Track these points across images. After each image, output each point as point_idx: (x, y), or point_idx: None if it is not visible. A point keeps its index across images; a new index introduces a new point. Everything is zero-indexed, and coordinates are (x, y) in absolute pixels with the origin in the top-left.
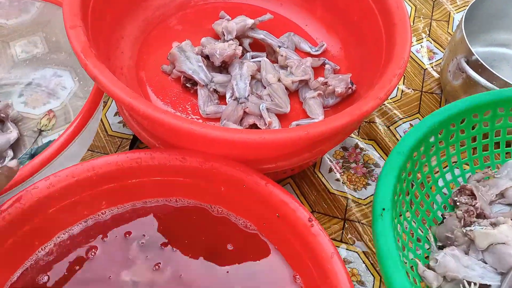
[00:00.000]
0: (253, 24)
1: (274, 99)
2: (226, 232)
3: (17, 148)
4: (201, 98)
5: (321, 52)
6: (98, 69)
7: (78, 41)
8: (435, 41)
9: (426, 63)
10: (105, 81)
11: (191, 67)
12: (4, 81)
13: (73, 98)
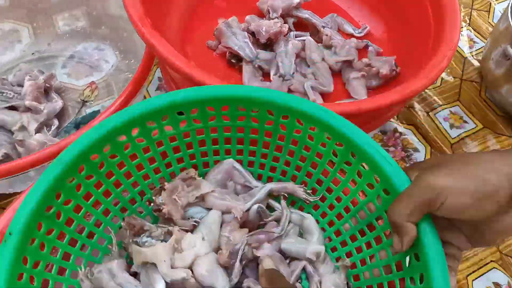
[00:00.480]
0: (298, 4)
1: (318, 78)
2: None
3: (62, 117)
4: (245, 74)
5: (364, 35)
6: (155, 39)
7: (135, 10)
8: (476, 30)
9: (466, 52)
10: (163, 50)
11: (237, 43)
12: (46, 53)
13: (115, 72)
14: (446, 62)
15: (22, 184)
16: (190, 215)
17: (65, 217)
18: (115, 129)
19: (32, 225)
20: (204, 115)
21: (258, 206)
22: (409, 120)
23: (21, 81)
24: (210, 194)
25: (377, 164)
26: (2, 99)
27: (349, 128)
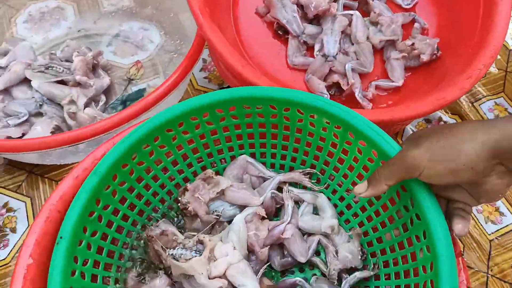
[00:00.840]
0: None
1: (360, 57)
2: None
3: (108, 94)
4: (291, 48)
5: (412, 7)
6: (213, 32)
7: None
8: None
9: (511, 44)
10: (218, 44)
11: (286, 16)
12: (92, 31)
13: (160, 51)
14: (483, 71)
15: (73, 156)
16: (213, 209)
17: (105, 220)
18: (140, 140)
19: (79, 229)
20: (215, 117)
21: (272, 192)
22: (454, 109)
23: (69, 56)
24: (229, 189)
25: (372, 139)
26: (52, 73)
27: (344, 111)
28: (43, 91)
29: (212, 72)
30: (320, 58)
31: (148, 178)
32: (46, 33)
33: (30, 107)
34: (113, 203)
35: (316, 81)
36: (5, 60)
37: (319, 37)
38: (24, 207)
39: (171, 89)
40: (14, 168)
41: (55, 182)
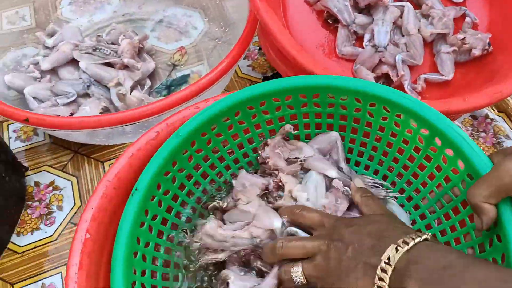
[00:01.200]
0: None
1: (410, 49)
2: None
3: (153, 78)
4: (340, 37)
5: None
6: (269, 16)
7: None
8: None
9: None
10: (274, 28)
11: (337, 5)
12: (136, 16)
13: (204, 38)
14: None
15: (120, 136)
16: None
17: (178, 182)
18: (221, 112)
19: (153, 185)
20: (297, 102)
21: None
22: (500, 107)
23: (116, 39)
24: (312, 157)
25: (462, 150)
26: (99, 55)
27: (435, 115)
28: (91, 72)
29: (256, 61)
30: (370, 49)
31: (224, 150)
32: (90, 16)
33: (78, 87)
34: (188, 168)
35: (365, 71)
36: (52, 41)
37: (369, 27)
38: (70, 186)
39: (219, 76)
40: (59, 147)
41: (100, 162)
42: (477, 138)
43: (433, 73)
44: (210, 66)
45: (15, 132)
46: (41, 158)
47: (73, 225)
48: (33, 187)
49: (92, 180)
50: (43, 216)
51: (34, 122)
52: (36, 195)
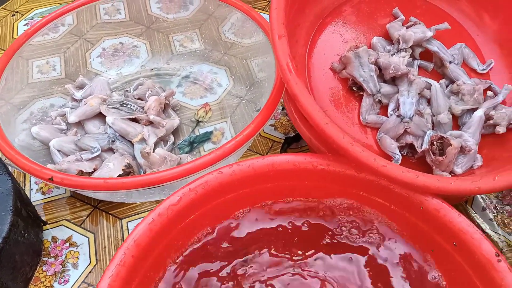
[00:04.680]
0: (430, 37)
1: (438, 129)
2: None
3: (176, 134)
4: (364, 106)
5: (488, 71)
6: (299, 88)
7: (283, 53)
8: None
9: None
10: (304, 100)
11: (363, 75)
12: (163, 71)
13: (228, 96)
14: None
15: (141, 195)
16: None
17: None
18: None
19: None
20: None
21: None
22: None
23: (143, 95)
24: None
25: None
26: (126, 110)
27: None
28: (116, 127)
29: (278, 120)
30: (394, 118)
31: None
32: (119, 69)
33: (103, 142)
34: None
35: (389, 140)
36: (81, 93)
37: (394, 97)
38: (87, 243)
39: (244, 141)
40: (79, 201)
41: (118, 219)
42: (501, 212)
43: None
44: (233, 123)
45: (36, 184)
46: (60, 211)
47: (86, 285)
48: (50, 242)
49: (109, 237)
50: (58, 274)
51: (58, 181)
52: (52, 251)
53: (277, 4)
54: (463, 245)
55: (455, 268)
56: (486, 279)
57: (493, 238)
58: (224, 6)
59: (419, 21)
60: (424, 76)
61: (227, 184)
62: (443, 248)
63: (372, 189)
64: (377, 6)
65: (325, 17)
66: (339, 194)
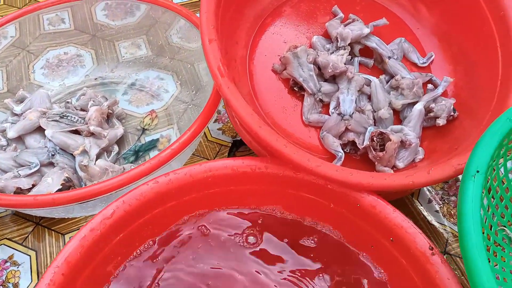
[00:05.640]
0: (369, 33)
1: (379, 124)
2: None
3: (121, 143)
4: (306, 105)
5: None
6: (230, 92)
7: (214, 58)
8: None
9: None
10: (236, 104)
11: (302, 75)
12: (108, 79)
13: (175, 101)
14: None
15: (81, 209)
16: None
17: None
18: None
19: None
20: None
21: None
22: None
23: (85, 105)
24: None
25: None
26: (66, 123)
27: None
28: (56, 140)
29: (226, 124)
30: (335, 116)
31: None
32: (63, 80)
33: (42, 156)
34: None
35: (331, 138)
36: (20, 108)
37: (335, 95)
38: (28, 261)
39: (185, 146)
40: (21, 218)
41: (61, 235)
42: (448, 202)
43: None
44: (180, 129)
45: None
46: (1, 230)
47: None
48: None
49: (52, 254)
50: None
51: None
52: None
53: (207, 7)
54: (399, 240)
55: (394, 263)
56: (421, 272)
57: (438, 229)
58: (166, 11)
59: (357, 18)
60: (365, 73)
61: (164, 193)
62: (381, 244)
63: (310, 189)
64: (317, 5)
65: (265, 18)
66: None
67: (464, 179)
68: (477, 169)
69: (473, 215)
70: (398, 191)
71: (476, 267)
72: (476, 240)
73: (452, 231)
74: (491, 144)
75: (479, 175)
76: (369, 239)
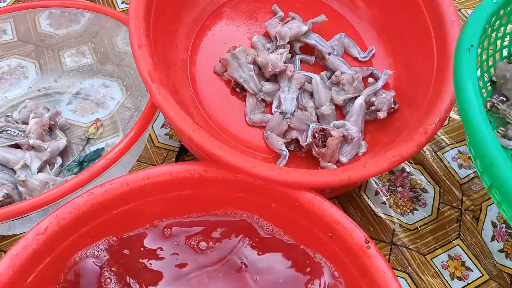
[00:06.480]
0: (307, 30)
1: (322, 121)
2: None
3: (65, 155)
4: (248, 106)
5: (370, 58)
6: (162, 97)
7: (145, 63)
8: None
9: None
10: (168, 110)
11: (243, 75)
12: (52, 90)
13: (121, 109)
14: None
15: (22, 226)
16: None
17: None
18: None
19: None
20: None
21: None
22: (416, 159)
23: (26, 118)
24: None
25: None
26: (6, 137)
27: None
28: None
29: (173, 129)
30: (278, 115)
31: None
32: (5, 93)
33: None
34: None
35: (275, 137)
36: None
37: (276, 94)
38: None
39: (122, 154)
40: None
41: (3, 252)
42: (394, 193)
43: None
44: None
45: None
46: None
47: None
48: None
49: None
50: None
51: None
52: None
53: (135, 13)
54: (337, 235)
55: (334, 258)
56: (359, 266)
57: (385, 221)
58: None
59: (297, 16)
60: (307, 70)
61: (100, 205)
62: (322, 240)
63: (252, 189)
64: (257, 4)
65: (205, 20)
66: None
67: (458, 54)
68: (471, 43)
69: (472, 83)
70: (342, 187)
71: (484, 135)
72: (480, 108)
73: (399, 221)
74: (480, 22)
75: (474, 49)
76: (310, 236)
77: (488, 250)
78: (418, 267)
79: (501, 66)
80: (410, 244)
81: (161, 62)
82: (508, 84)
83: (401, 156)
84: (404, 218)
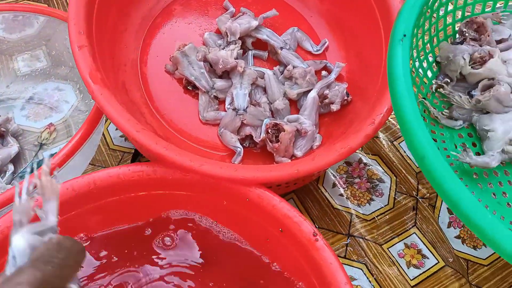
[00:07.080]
0: (258, 25)
1: (277, 116)
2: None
3: (18, 162)
4: (201, 104)
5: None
6: (104, 97)
7: (85, 64)
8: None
9: None
10: (110, 110)
11: (194, 73)
12: (5, 96)
13: (75, 112)
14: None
15: None
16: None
17: None
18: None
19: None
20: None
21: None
22: (373, 150)
23: None
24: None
25: None
26: None
27: None
28: None
29: None
30: (230, 112)
31: None
32: None
33: None
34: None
35: (229, 134)
36: None
37: (229, 91)
38: None
39: (68, 158)
40: None
41: None
42: (351, 184)
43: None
44: None
45: None
46: None
47: None
48: None
49: None
50: None
51: None
52: None
53: (74, 14)
54: (287, 230)
55: (285, 253)
56: (308, 258)
57: (342, 212)
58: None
59: (248, 11)
60: (261, 65)
61: None
62: (274, 235)
63: (203, 188)
64: (208, 1)
65: (155, 18)
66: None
67: (392, 44)
68: (404, 33)
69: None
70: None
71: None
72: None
73: (356, 213)
74: (413, 12)
75: (406, 39)
76: (263, 233)
77: (445, 237)
78: (374, 257)
79: (444, 47)
80: (367, 235)
81: (107, 63)
82: (451, 66)
83: (350, 147)
84: (361, 209)
